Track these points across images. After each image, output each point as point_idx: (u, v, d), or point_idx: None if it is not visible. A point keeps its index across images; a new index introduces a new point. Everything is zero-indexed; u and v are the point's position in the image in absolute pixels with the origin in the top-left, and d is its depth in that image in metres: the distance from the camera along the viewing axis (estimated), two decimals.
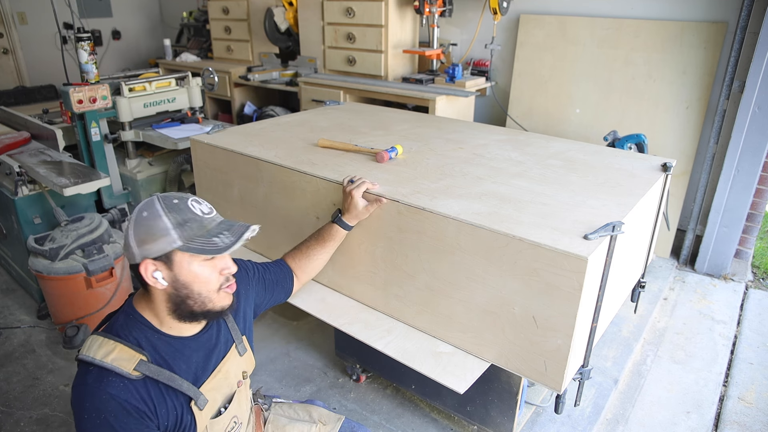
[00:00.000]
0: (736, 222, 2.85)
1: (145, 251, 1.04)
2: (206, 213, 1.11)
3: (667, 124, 2.92)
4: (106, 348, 1.04)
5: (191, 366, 1.14)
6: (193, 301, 1.09)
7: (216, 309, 1.12)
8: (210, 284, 1.10)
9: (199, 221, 1.08)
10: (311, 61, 3.91)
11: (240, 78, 4.16)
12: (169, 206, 1.06)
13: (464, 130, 2.27)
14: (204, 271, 1.08)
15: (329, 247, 1.59)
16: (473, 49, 3.62)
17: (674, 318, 2.63)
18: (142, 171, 3.00)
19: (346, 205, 1.57)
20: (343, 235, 1.60)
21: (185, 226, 1.05)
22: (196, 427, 1.13)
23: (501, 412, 1.71)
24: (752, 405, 2.11)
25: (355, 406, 2.08)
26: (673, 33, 2.81)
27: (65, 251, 2.33)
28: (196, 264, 1.07)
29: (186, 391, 1.10)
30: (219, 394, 1.19)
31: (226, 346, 1.23)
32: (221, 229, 1.09)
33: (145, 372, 1.04)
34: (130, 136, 2.95)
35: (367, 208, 1.54)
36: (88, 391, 1.00)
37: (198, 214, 1.09)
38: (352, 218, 1.57)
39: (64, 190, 2.29)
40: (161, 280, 1.06)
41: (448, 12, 3.40)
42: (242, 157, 1.93)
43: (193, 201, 1.11)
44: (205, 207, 1.13)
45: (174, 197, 1.09)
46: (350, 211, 1.56)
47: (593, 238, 1.26)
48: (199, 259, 1.07)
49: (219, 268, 1.11)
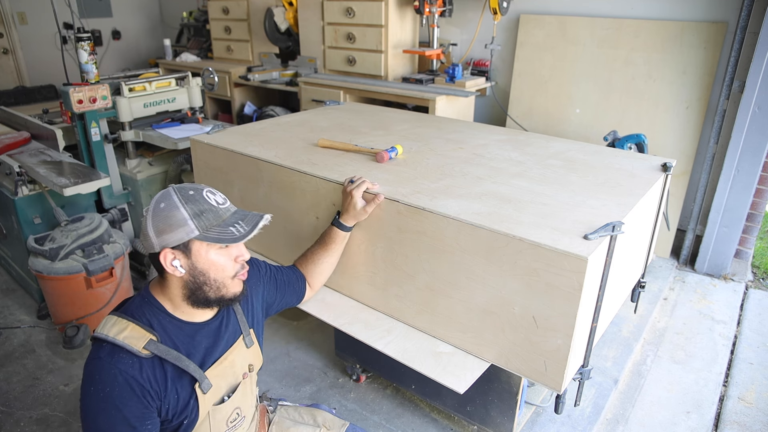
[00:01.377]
0: (736, 222, 2.85)
1: (164, 241, 1.09)
2: (221, 203, 1.15)
3: (667, 124, 2.92)
4: (119, 326, 1.09)
5: (199, 350, 1.17)
6: (208, 287, 1.13)
7: (229, 295, 1.17)
8: (226, 271, 1.15)
9: (215, 211, 1.12)
10: (311, 61, 3.91)
11: (240, 78, 4.16)
12: (186, 197, 1.11)
13: (464, 130, 2.27)
14: (220, 259, 1.13)
15: (333, 251, 1.60)
16: (473, 49, 3.62)
17: (674, 318, 2.63)
18: (142, 171, 3.00)
19: (345, 205, 1.58)
20: (344, 236, 1.60)
21: (202, 216, 1.10)
22: (199, 412, 1.16)
23: (501, 412, 1.71)
24: (752, 405, 2.11)
25: (355, 406, 2.08)
26: (673, 33, 2.81)
27: (65, 251, 2.33)
28: (213, 252, 1.12)
29: (192, 372, 1.13)
30: (223, 382, 1.22)
31: (234, 336, 1.26)
32: (236, 219, 1.14)
33: (155, 351, 1.08)
34: (130, 136, 2.95)
35: (365, 209, 1.55)
36: (100, 365, 1.05)
37: (213, 204, 1.13)
38: (350, 219, 1.57)
39: (64, 190, 2.29)
40: (179, 268, 1.11)
41: (448, 12, 3.40)
42: (242, 157, 1.93)
43: (207, 192, 1.15)
44: (220, 198, 1.17)
45: (189, 188, 1.14)
46: (348, 212, 1.56)
47: (593, 238, 1.26)
48: (216, 247, 1.12)
49: (234, 256, 1.16)
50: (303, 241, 1.77)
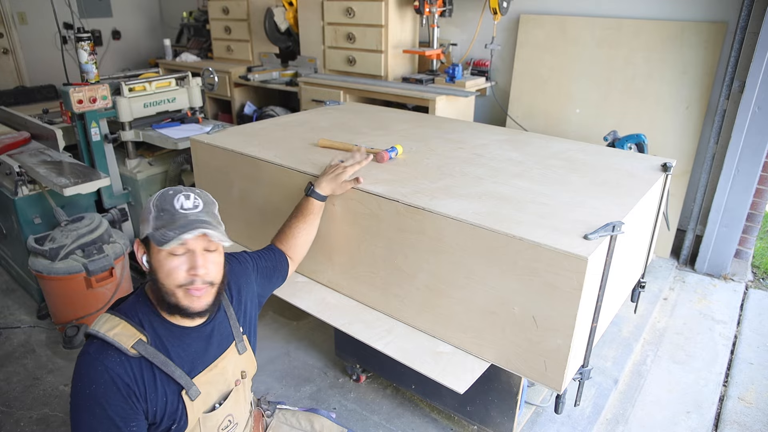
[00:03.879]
0: (736, 222, 2.85)
1: (139, 232, 1.14)
2: (187, 209, 1.10)
3: (667, 124, 2.92)
4: (111, 323, 1.09)
5: (189, 354, 1.16)
6: (163, 291, 1.10)
7: (182, 306, 1.10)
8: (171, 278, 1.08)
9: (171, 213, 1.09)
10: (311, 61, 3.91)
11: (240, 78, 4.16)
12: (163, 195, 1.12)
13: (464, 130, 2.27)
14: (168, 264, 1.08)
15: (310, 222, 1.59)
16: (473, 49, 3.61)
17: (674, 318, 2.63)
18: (142, 171, 3.00)
19: (325, 174, 1.59)
20: (321, 206, 1.60)
21: (159, 215, 1.09)
22: (188, 419, 1.15)
23: (501, 412, 1.71)
24: (752, 405, 2.11)
25: (355, 406, 2.08)
26: (673, 33, 2.81)
27: (65, 251, 2.33)
28: (162, 254, 1.08)
29: (178, 378, 1.12)
30: (214, 389, 1.20)
31: (226, 342, 1.24)
32: (187, 226, 1.07)
33: (142, 352, 1.08)
34: (130, 136, 2.95)
35: (346, 183, 1.57)
36: (88, 360, 1.06)
37: (176, 207, 1.10)
38: (327, 187, 1.58)
39: (64, 190, 2.29)
40: (144, 262, 1.13)
41: (448, 12, 3.40)
42: (242, 157, 1.93)
43: (182, 195, 1.12)
44: (190, 203, 1.11)
45: (174, 189, 1.14)
46: (327, 181, 1.57)
47: (593, 238, 1.26)
48: (165, 250, 1.07)
49: (187, 266, 1.09)
50: None
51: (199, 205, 1.12)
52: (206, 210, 1.13)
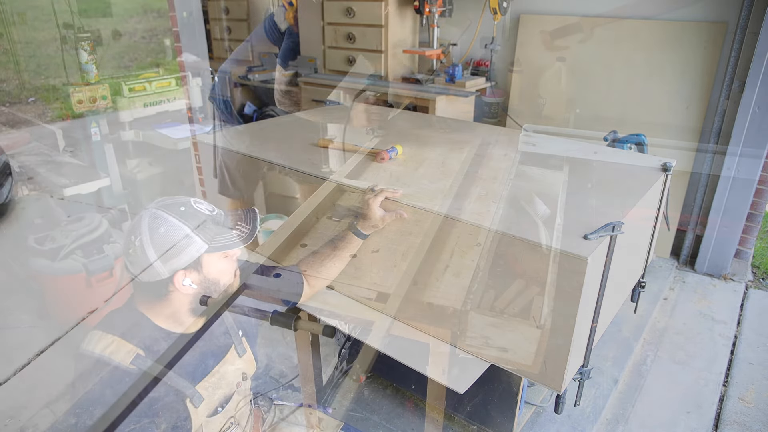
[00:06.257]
0: (736, 222, 2.85)
1: (174, 265, 1.07)
2: (211, 211, 1.14)
3: (667, 124, 2.92)
4: (105, 342, 1.07)
5: (190, 362, 1.15)
6: (216, 294, 1.13)
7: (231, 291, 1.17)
8: (230, 273, 1.17)
9: (212, 220, 1.12)
10: (311, 61, 3.90)
11: (240, 78, 4.16)
12: (180, 214, 1.08)
13: (464, 130, 2.26)
14: (225, 265, 1.15)
15: (341, 254, 1.55)
16: (473, 49, 3.61)
17: (674, 318, 2.63)
18: (142, 171, 3.00)
19: (363, 212, 1.55)
20: (358, 243, 1.57)
21: (203, 228, 1.09)
22: (192, 424, 1.14)
23: (501, 412, 1.71)
24: (752, 405, 2.10)
25: (354, 406, 2.08)
26: (673, 33, 2.81)
27: (65, 251, 2.32)
28: (220, 261, 1.13)
29: (181, 388, 1.11)
30: (216, 393, 1.20)
31: (225, 346, 1.24)
32: (233, 222, 1.15)
33: (141, 366, 1.07)
34: (130, 136, 2.95)
35: (383, 219, 1.51)
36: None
37: (207, 213, 1.12)
38: (368, 227, 1.54)
39: (64, 190, 2.29)
40: (191, 285, 1.10)
41: (448, 12, 3.40)
42: (242, 157, 1.93)
43: (195, 203, 1.13)
44: (207, 206, 1.15)
45: (178, 205, 1.10)
46: (366, 219, 1.53)
47: (593, 238, 1.26)
48: (221, 254, 1.12)
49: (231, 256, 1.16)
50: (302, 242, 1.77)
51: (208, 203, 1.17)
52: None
